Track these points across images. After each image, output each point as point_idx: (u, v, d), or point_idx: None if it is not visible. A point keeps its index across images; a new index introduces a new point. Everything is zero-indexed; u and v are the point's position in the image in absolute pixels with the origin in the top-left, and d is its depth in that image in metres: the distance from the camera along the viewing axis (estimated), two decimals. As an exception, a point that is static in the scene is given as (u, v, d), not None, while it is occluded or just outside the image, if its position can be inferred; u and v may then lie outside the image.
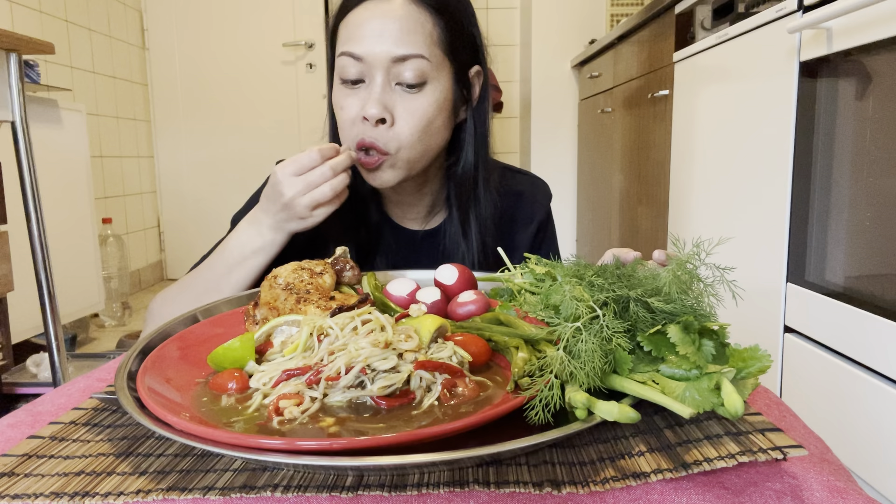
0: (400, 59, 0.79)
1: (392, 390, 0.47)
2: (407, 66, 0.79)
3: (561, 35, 3.23)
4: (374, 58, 0.79)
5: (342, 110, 0.83)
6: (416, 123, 0.81)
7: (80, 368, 2.03)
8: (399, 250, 0.96)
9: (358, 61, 0.80)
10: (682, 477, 0.41)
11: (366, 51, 0.79)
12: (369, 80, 0.81)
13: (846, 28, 1.15)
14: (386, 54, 0.79)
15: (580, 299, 0.51)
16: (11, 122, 1.62)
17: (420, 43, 0.79)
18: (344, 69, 0.81)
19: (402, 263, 0.95)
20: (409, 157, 0.83)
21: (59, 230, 2.24)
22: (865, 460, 1.16)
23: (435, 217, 0.98)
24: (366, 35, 0.79)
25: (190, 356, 0.58)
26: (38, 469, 0.45)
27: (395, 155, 0.82)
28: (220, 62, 3.61)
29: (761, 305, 1.48)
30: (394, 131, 0.81)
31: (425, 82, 0.81)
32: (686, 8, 1.91)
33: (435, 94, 0.82)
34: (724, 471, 0.42)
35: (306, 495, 0.41)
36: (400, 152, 0.82)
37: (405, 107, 0.81)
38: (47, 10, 2.75)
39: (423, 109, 0.81)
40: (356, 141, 0.82)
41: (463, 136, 0.90)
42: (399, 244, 0.96)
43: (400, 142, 0.81)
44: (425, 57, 0.80)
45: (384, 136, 0.81)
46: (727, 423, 0.45)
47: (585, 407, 0.44)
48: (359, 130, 0.81)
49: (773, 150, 1.43)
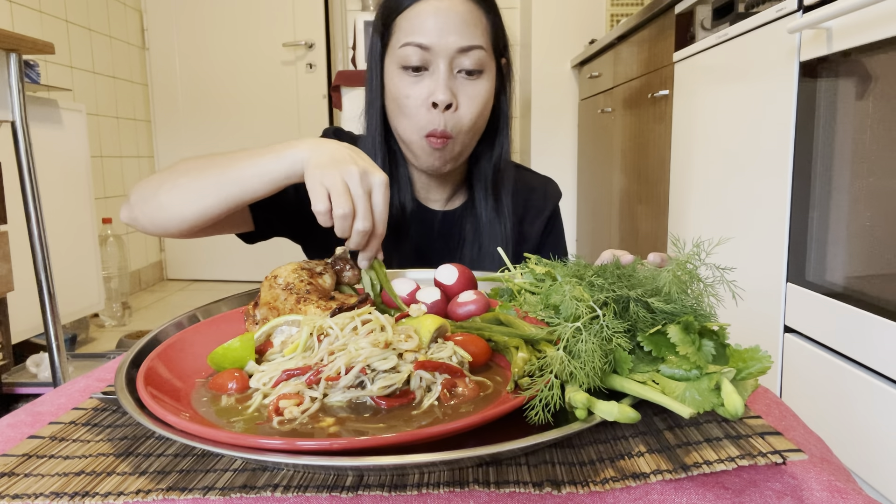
0: (464, 50, 0.86)
1: (392, 390, 0.47)
2: (469, 56, 0.87)
3: (561, 35, 3.23)
4: (440, 48, 0.86)
5: (409, 98, 0.88)
6: (476, 108, 0.89)
7: (80, 368, 2.03)
8: (421, 229, 1.00)
9: (424, 51, 0.86)
10: (681, 477, 0.41)
11: (432, 41, 0.85)
12: (433, 69, 0.87)
13: (846, 28, 1.15)
14: (452, 45, 0.86)
15: (580, 299, 0.51)
16: (11, 122, 1.62)
17: (479, 35, 0.88)
18: (408, 58, 0.87)
19: (424, 243, 1.00)
20: (465, 141, 0.91)
21: (59, 230, 2.24)
22: (865, 460, 1.15)
23: (454, 199, 1.03)
24: (431, 27, 0.86)
25: (190, 356, 0.58)
26: (38, 469, 0.45)
27: (457, 137, 0.89)
28: (220, 62, 3.61)
29: (761, 305, 1.47)
30: (457, 115, 0.88)
31: (483, 70, 0.89)
32: (686, 8, 1.91)
33: (489, 81, 0.91)
34: (724, 471, 0.42)
35: (306, 495, 0.41)
36: (459, 136, 0.90)
37: (467, 93, 0.88)
38: (47, 10, 2.75)
39: (482, 95, 0.89)
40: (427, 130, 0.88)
41: (499, 120, 0.98)
42: (422, 223, 1.01)
43: (462, 125, 0.89)
44: (483, 48, 0.88)
45: (451, 120, 0.88)
46: (727, 427, 0.45)
47: (585, 407, 0.44)
48: (427, 119, 0.88)
49: (773, 150, 1.43)
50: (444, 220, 1.01)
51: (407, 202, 0.98)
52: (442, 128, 0.87)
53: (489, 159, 0.98)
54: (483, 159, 0.99)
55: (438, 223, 1.01)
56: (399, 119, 0.91)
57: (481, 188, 0.99)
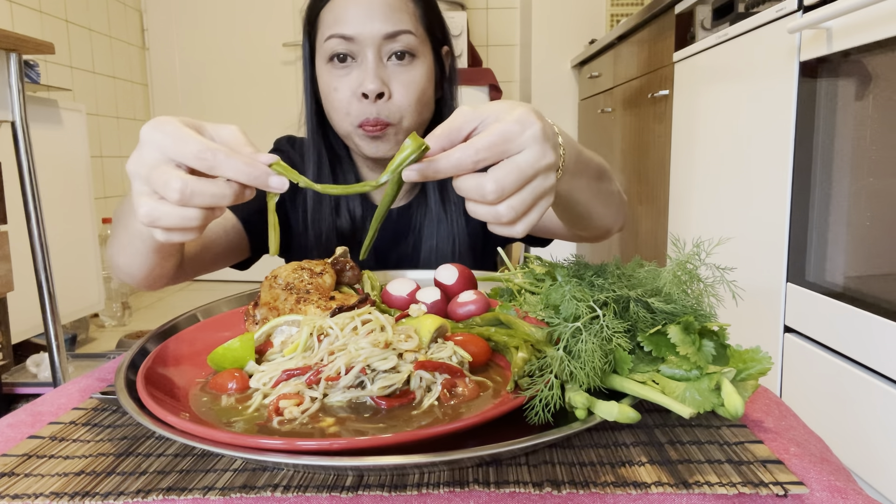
0: (391, 36, 0.83)
1: (392, 390, 0.47)
2: (397, 42, 0.83)
3: (561, 35, 3.23)
4: (364, 37, 0.82)
5: (336, 91, 0.85)
6: (412, 94, 0.85)
7: (80, 368, 2.03)
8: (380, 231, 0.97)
9: (348, 42, 0.83)
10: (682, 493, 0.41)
11: (356, 30, 0.82)
12: (360, 59, 0.84)
13: (846, 28, 1.15)
14: (377, 32, 0.82)
15: (580, 299, 0.51)
16: (11, 122, 1.62)
17: (406, 20, 0.84)
18: (333, 50, 0.84)
19: (382, 242, 0.97)
20: (409, 126, 0.87)
21: (59, 230, 2.24)
22: (865, 460, 1.15)
23: (409, 193, 1.00)
24: (355, 16, 0.82)
25: (190, 356, 0.58)
26: (38, 469, 0.45)
27: (398, 125, 0.86)
28: (220, 62, 3.61)
29: (761, 305, 1.47)
30: (393, 103, 0.85)
31: (415, 55, 0.85)
32: (686, 8, 1.91)
33: (423, 66, 0.87)
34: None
35: (306, 495, 0.41)
36: (403, 121, 0.86)
37: (399, 80, 0.85)
38: (47, 10, 2.75)
39: (416, 80, 0.86)
40: (359, 120, 0.84)
41: (443, 111, 0.95)
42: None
43: (402, 111, 0.85)
44: (412, 32, 0.84)
45: (384, 109, 0.84)
46: (728, 451, 0.45)
47: (585, 407, 0.44)
48: (357, 110, 0.84)
49: (773, 150, 1.43)
50: (400, 217, 0.98)
51: (356, 207, 0.95)
52: (375, 116, 0.84)
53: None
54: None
55: (395, 221, 0.98)
56: (331, 114, 0.88)
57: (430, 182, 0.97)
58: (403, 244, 0.98)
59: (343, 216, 0.95)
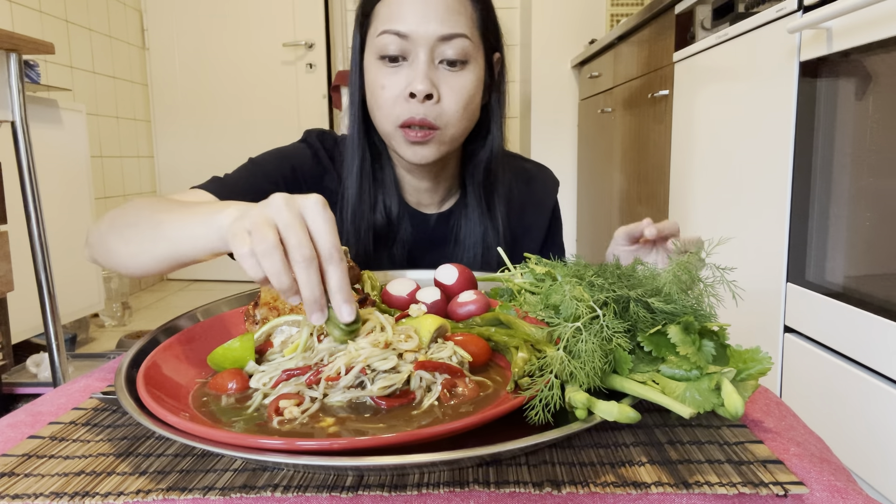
0: (445, 38, 0.81)
1: (392, 390, 0.47)
2: (451, 45, 0.81)
3: (561, 35, 3.23)
4: (419, 36, 0.80)
5: (384, 89, 0.83)
6: (460, 100, 0.83)
7: (80, 368, 2.03)
8: (414, 234, 0.97)
9: (402, 39, 0.81)
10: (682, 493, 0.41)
11: (411, 28, 0.80)
12: (412, 59, 0.82)
13: (846, 28, 1.15)
14: (432, 32, 0.80)
15: (580, 299, 0.51)
16: (11, 122, 1.62)
17: (463, 24, 0.82)
18: (385, 47, 0.82)
19: (418, 247, 0.96)
20: (454, 134, 0.86)
21: (59, 230, 2.24)
22: (865, 460, 1.15)
23: (447, 201, 0.99)
24: (411, 14, 0.80)
25: (190, 356, 0.58)
26: (38, 469, 0.45)
27: (443, 130, 0.84)
28: (220, 62, 3.61)
29: (761, 305, 1.47)
30: (440, 107, 0.83)
31: (467, 61, 0.83)
32: (686, 8, 1.91)
33: (475, 73, 0.85)
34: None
35: (306, 495, 0.41)
36: (447, 128, 0.84)
37: (449, 84, 0.83)
38: (47, 10, 2.75)
39: (466, 87, 0.84)
40: (402, 119, 0.83)
41: (490, 118, 0.93)
42: (414, 228, 0.97)
43: (447, 117, 0.84)
44: (467, 37, 0.82)
45: (432, 111, 0.82)
46: (728, 451, 0.45)
47: (585, 407, 0.44)
48: (403, 108, 0.82)
49: (773, 150, 1.43)
50: (439, 223, 0.98)
51: (393, 205, 0.94)
52: (421, 116, 0.81)
53: (480, 159, 0.94)
54: (474, 159, 0.95)
55: (432, 227, 0.98)
56: (375, 111, 0.86)
57: (473, 189, 0.95)
58: (438, 251, 0.97)
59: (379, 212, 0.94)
